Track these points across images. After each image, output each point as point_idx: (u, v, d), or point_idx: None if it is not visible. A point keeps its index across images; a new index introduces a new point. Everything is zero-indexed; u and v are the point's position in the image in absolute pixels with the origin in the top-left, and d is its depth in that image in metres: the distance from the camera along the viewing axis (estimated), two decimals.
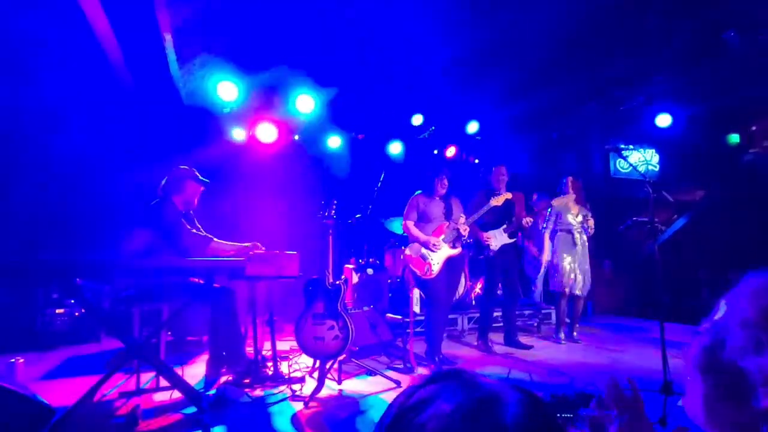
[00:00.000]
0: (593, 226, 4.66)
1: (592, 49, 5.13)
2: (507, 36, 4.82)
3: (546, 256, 4.71)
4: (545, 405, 0.47)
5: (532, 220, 4.49)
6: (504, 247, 4.36)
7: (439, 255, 3.77)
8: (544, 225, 4.83)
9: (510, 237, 4.39)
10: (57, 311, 4.48)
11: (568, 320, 4.83)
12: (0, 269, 2.32)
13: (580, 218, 4.67)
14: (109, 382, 2.57)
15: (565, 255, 4.61)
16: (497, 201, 4.09)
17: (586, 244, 4.69)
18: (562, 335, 4.72)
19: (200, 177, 3.39)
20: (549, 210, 4.75)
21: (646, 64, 5.56)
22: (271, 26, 4.66)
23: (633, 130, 6.94)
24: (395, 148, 7.05)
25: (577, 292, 4.60)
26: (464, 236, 3.90)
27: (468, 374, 0.50)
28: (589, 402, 2.61)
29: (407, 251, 3.92)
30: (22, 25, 3.94)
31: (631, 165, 4.27)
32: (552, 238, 4.83)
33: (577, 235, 4.63)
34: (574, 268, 4.57)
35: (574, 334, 4.79)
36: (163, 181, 3.32)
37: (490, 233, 4.33)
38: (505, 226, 4.37)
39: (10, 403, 2.10)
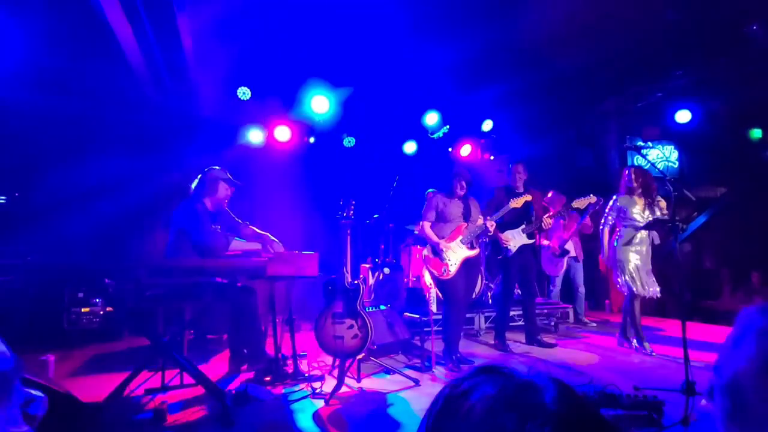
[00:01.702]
0: (665, 207, 4.14)
1: (610, 44, 5.07)
2: (523, 33, 4.80)
3: (604, 256, 4.27)
4: (576, 391, 0.53)
5: (552, 221, 4.40)
6: (521, 247, 4.35)
7: (457, 256, 3.78)
8: (602, 221, 4.33)
9: (529, 237, 4.36)
10: (83, 310, 4.62)
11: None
12: (34, 270, 2.42)
13: (647, 213, 4.16)
14: (136, 378, 2.64)
15: (631, 254, 4.14)
16: (516, 203, 4.07)
17: (651, 242, 4.22)
18: (647, 345, 4.13)
19: (232, 179, 3.46)
20: (610, 204, 4.31)
21: (665, 59, 5.48)
22: (285, 28, 4.72)
23: (652, 126, 6.85)
24: (410, 148, 7.06)
25: (657, 294, 4.10)
26: (490, 232, 3.90)
27: (506, 367, 0.56)
28: (609, 402, 2.59)
29: (425, 251, 3.93)
30: (46, 29, 4.06)
31: (650, 162, 4.22)
32: (611, 235, 4.31)
33: (643, 233, 4.15)
34: (640, 268, 4.12)
35: (638, 342, 4.20)
36: (196, 182, 3.39)
37: (508, 233, 4.32)
38: (523, 226, 4.35)
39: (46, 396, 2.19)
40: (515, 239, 4.33)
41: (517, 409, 0.48)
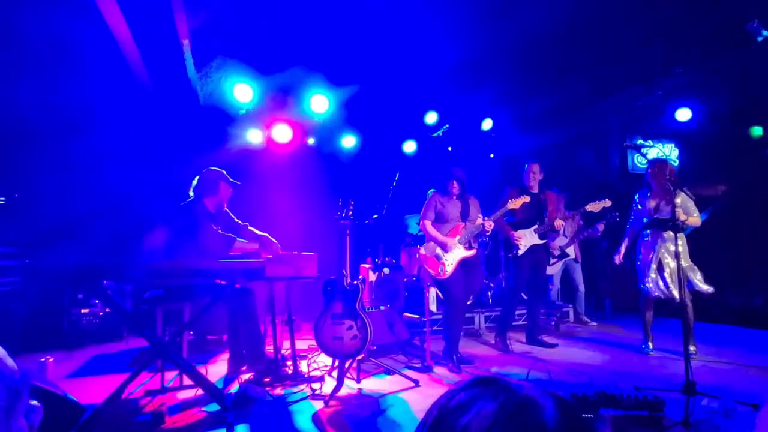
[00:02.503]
0: (678, 203, 3.66)
1: (610, 42, 5.05)
2: (523, 32, 4.78)
3: (618, 259, 4.17)
4: (578, 409, 0.51)
5: (563, 223, 4.37)
6: (533, 246, 4.34)
7: (453, 256, 3.77)
8: (628, 223, 4.23)
9: (540, 238, 4.36)
10: (82, 311, 4.63)
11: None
12: (33, 272, 2.41)
13: (668, 208, 3.89)
14: (135, 380, 2.63)
15: (650, 256, 3.99)
16: (514, 204, 4.05)
17: (682, 240, 3.89)
18: (650, 344, 4.09)
19: (230, 179, 3.45)
20: (633, 206, 4.19)
21: (665, 57, 5.46)
22: (285, 28, 4.70)
23: (652, 125, 6.83)
24: (409, 147, 7.05)
25: (676, 296, 3.82)
26: (488, 232, 3.88)
27: (504, 380, 0.54)
28: (609, 402, 2.59)
29: (422, 251, 3.92)
30: (44, 28, 4.05)
31: (648, 162, 4.20)
32: (635, 236, 4.17)
33: (666, 232, 3.93)
34: (664, 270, 3.92)
35: (692, 348, 3.91)
36: (195, 182, 3.37)
37: (520, 233, 4.32)
38: (536, 226, 4.35)
39: (43, 401, 2.18)
40: (526, 238, 4.33)
41: (516, 429, 0.46)
